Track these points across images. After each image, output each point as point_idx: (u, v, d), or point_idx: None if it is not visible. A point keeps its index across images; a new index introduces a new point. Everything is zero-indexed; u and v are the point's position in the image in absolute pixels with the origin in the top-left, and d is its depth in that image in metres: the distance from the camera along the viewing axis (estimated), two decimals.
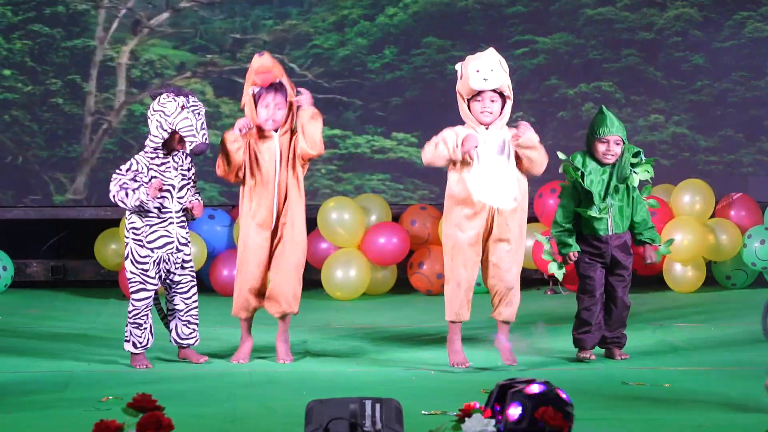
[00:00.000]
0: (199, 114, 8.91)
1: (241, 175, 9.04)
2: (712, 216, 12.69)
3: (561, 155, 9.21)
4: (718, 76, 13.26)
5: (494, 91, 8.83)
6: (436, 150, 8.75)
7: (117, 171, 8.97)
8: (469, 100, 8.84)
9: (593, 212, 8.98)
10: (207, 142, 8.94)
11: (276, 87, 8.98)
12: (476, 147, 8.68)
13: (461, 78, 8.86)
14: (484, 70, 8.79)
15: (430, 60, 13.03)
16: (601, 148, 9.00)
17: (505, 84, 8.86)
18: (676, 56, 13.27)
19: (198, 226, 12.00)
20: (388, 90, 13.17)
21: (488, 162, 8.78)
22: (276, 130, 9.01)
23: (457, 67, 8.95)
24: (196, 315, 9.24)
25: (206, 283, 12.30)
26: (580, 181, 9.00)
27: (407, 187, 13.04)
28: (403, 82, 13.09)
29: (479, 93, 8.80)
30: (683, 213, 12.53)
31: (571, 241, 9.06)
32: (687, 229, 12.35)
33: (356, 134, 13.15)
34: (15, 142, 13.13)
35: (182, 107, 8.87)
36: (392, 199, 12.89)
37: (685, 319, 11.11)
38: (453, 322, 8.95)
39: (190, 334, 9.22)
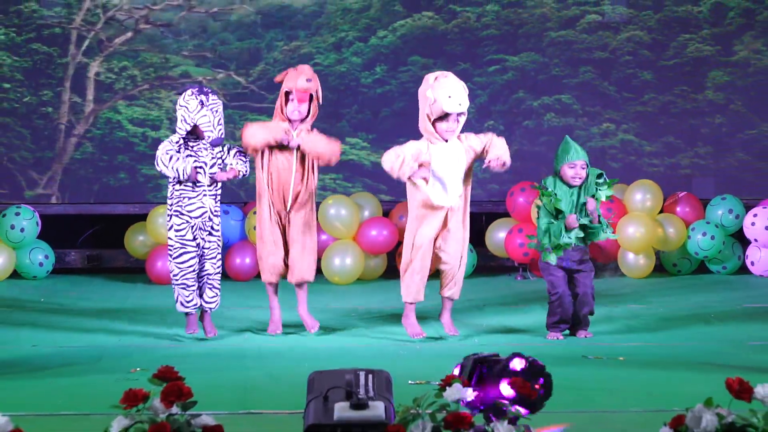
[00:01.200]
0: (216, 111, 9.07)
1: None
2: (661, 212, 12.66)
3: (536, 185, 9.25)
4: (662, 90, 13.22)
5: (463, 114, 8.91)
6: (395, 163, 8.81)
7: (168, 140, 9.17)
8: (435, 121, 8.84)
9: (563, 242, 9.05)
10: (222, 136, 9.12)
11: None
12: (426, 179, 8.82)
13: (433, 102, 8.83)
14: (457, 96, 8.81)
15: (415, 76, 12.95)
16: (569, 172, 9.05)
17: (467, 104, 8.93)
18: (627, 73, 13.22)
19: None
20: (379, 102, 13.10)
21: (444, 170, 8.88)
22: (302, 121, 9.11)
23: (429, 93, 8.89)
24: (219, 280, 9.32)
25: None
26: (556, 202, 9.02)
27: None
28: (392, 95, 13.03)
29: (447, 114, 8.77)
30: (635, 209, 12.51)
31: (561, 242, 9.03)
32: (638, 223, 12.33)
33: (349, 138, 13.09)
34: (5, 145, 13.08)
35: (202, 104, 9.03)
36: (383, 197, 12.82)
37: (637, 301, 11.10)
38: (410, 303, 9.13)
39: (213, 297, 9.27)
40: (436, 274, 9.23)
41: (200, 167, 9.05)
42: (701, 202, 12.81)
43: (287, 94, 9.11)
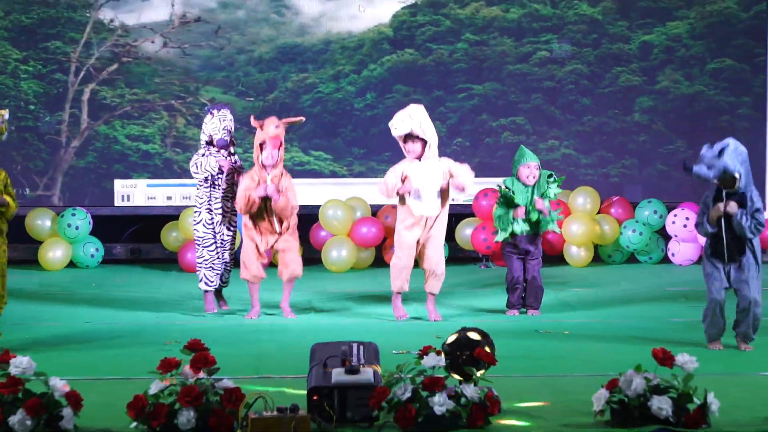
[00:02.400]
0: (223, 120, 9.24)
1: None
2: (598, 213, 12.66)
3: (497, 185, 9.38)
4: (598, 113, 13.21)
5: (415, 136, 8.75)
6: (384, 191, 8.88)
7: (195, 154, 9.30)
8: (404, 144, 8.86)
9: (514, 228, 9.16)
10: (226, 138, 9.20)
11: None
12: (410, 192, 8.78)
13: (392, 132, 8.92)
14: (395, 122, 8.83)
15: (399, 101, 12.91)
16: (525, 172, 9.12)
17: (416, 129, 8.74)
18: (569, 99, 13.21)
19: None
20: (369, 123, 13.08)
21: (421, 184, 8.84)
22: (274, 166, 8.88)
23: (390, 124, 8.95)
24: (231, 264, 9.45)
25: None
26: (512, 197, 9.14)
27: None
28: (380, 117, 13.00)
29: (405, 139, 8.77)
30: (578, 210, 12.51)
31: (514, 229, 9.16)
32: (580, 222, 12.34)
33: (345, 155, 13.06)
34: (22, 155, 13.02)
35: (212, 115, 9.24)
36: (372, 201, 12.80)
37: (579, 286, 11.09)
38: (397, 292, 9.08)
39: (228, 277, 9.46)
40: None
41: (220, 173, 9.13)
42: (631, 204, 12.81)
43: (261, 144, 8.86)
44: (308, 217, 12.66)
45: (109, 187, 13.00)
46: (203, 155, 9.18)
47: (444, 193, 8.89)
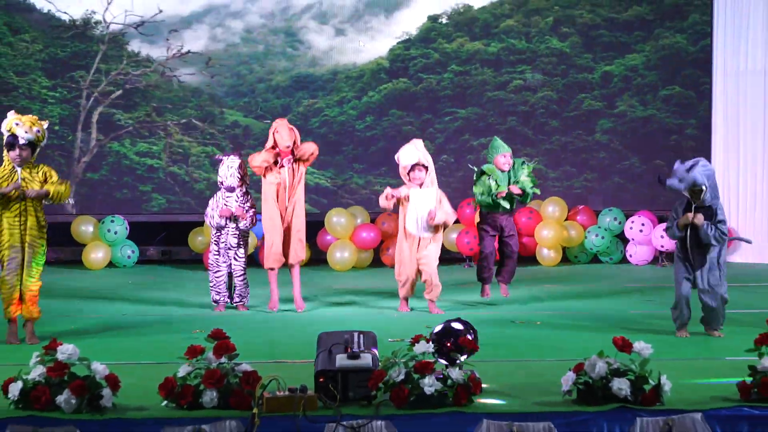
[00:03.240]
0: (231, 167, 9.05)
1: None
2: (566, 219, 12.65)
3: (474, 168, 9.52)
4: (564, 134, 13.21)
5: (420, 165, 8.80)
6: (381, 201, 8.85)
7: (211, 198, 9.18)
8: (409, 172, 8.82)
9: (500, 207, 9.31)
10: (233, 185, 9.00)
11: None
12: (394, 196, 8.78)
13: (400, 161, 8.88)
14: (404, 155, 8.82)
15: (394, 124, 12.96)
16: (501, 159, 9.31)
17: (422, 159, 8.79)
18: (540, 121, 13.21)
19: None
20: (368, 142, 13.07)
21: (419, 208, 8.84)
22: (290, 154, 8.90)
23: (396, 157, 8.91)
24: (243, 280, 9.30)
25: (256, 259, 12.20)
26: (496, 181, 9.28)
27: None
28: (377, 137, 13.01)
29: (413, 167, 8.77)
30: (548, 217, 12.51)
31: (494, 199, 9.31)
32: (550, 227, 12.34)
33: (347, 169, 13.05)
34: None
35: (222, 162, 9.12)
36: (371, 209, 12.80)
37: (549, 282, 11.08)
38: (403, 298, 9.06)
39: (243, 294, 9.27)
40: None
41: (226, 216, 9.01)
42: (594, 212, 12.81)
43: (274, 146, 8.88)
44: (315, 223, 12.68)
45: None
46: (216, 203, 9.09)
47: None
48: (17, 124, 7.44)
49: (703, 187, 7.41)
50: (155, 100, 12.93)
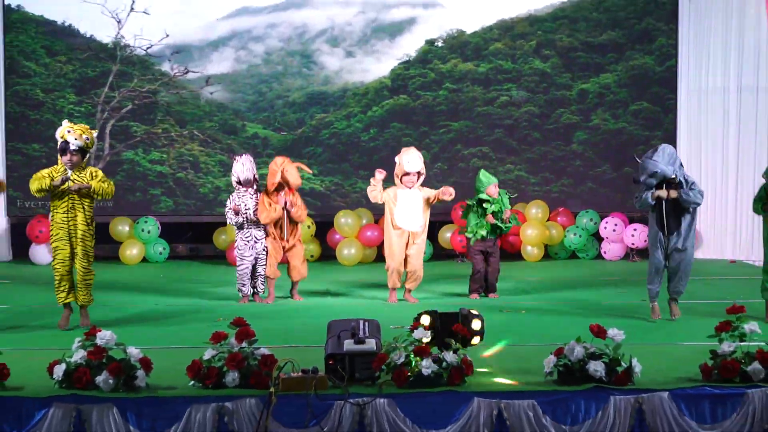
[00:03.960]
0: (243, 164, 9.05)
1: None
2: (548, 220, 12.63)
3: (469, 201, 9.51)
4: (545, 144, 13.17)
5: (418, 172, 8.97)
6: (370, 194, 8.99)
7: (229, 197, 9.11)
8: (402, 176, 8.94)
9: (484, 231, 9.33)
10: (248, 178, 8.97)
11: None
12: (381, 177, 8.91)
13: (399, 165, 8.97)
14: (410, 160, 8.90)
15: (395, 135, 12.93)
16: (492, 189, 9.28)
17: (422, 170, 8.97)
18: (524, 133, 13.17)
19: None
20: (371, 151, 13.05)
21: (408, 206, 8.94)
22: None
23: (397, 159, 9.01)
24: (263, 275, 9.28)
25: None
26: (490, 206, 9.29)
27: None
28: (380, 147, 12.98)
29: (408, 172, 8.87)
30: (532, 218, 12.49)
31: (483, 232, 9.33)
32: (534, 227, 12.32)
33: (353, 176, 13.02)
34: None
35: (237, 161, 9.10)
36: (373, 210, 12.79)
37: (532, 276, 11.06)
38: (391, 288, 9.12)
39: (263, 285, 9.24)
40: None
41: (245, 211, 8.92)
42: (573, 214, 12.79)
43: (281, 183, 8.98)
44: (325, 223, 12.66)
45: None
46: (231, 200, 9.03)
47: (424, 213, 8.96)
48: (69, 132, 7.51)
49: (674, 175, 7.58)
50: (185, 114, 12.91)
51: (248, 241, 9.02)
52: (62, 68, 12.73)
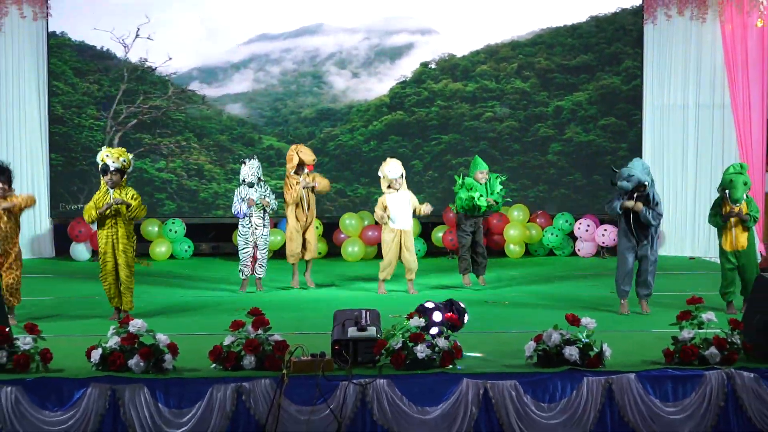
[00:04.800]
0: (251, 167, 9.16)
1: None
2: (528, 221, 12.59)
3: (457, 178, 9.44)
4: (524, 154, 13.11)
5: (399, 176, 8.97)
6: (377, 217, 9.00)
7: (236, 193, 9.20)
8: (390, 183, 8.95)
9: (481, 202, 9.21)
10: (253, 180, 9.04)
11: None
12: (389, 217, 8.90)
13: (384, 177, 8.99)
14: (392, 168, 8.94)
15: (392, 147, 12.89)
16: (480, 176, 9.25)
17: (402, 171, 8.98)
18: (505, 145, 13.11)
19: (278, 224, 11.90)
20: (371, 161, 13.01)
21: (397, 208, 8.95)
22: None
23: (380, 172, 9.06)
24: (265, 265, 9.38)
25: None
26: (478, 192, 9.20)
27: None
28: (379, 158, 12.89)
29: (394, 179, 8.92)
30: (514, 220, 12.44)
31: (477, 198, 9.22)
32: (516, 228, 12.28)
33: (354, 183, 12.99)
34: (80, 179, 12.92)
35: (245, 164, 9.19)
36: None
37: (515, 271, 11.03)
38: (382, 279, 9.11)
39: (261, 271, 9.36)
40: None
41: (250, 203, 9.02)
42: (550, 216, 12.76)
43: (300, 164, 9.12)
44: (331, 224, 12.63)
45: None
46: (240, 194, 9.12)
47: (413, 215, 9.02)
48: (107, 156, 7.63)
49: (646, 183, 7.60)
50: (207, 129, 12.87)
51: (249, 228, 9.09)
52: (89, 87, 12.59)
